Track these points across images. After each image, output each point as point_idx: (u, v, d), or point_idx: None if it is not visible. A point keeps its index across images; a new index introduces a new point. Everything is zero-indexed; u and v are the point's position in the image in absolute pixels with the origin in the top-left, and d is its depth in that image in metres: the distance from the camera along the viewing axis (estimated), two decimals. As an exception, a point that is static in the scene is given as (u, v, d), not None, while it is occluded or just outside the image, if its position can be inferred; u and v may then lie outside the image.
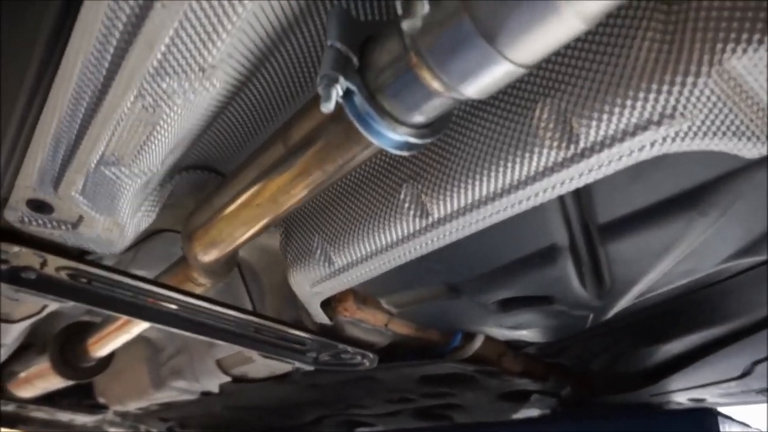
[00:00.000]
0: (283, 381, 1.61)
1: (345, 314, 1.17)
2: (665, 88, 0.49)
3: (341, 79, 0.52)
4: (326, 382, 1.57)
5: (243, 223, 0.78)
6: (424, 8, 0.44)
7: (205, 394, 1.87)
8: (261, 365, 1.53)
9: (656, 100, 0.50)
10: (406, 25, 0.43)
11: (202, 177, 0.92)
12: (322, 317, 1.10)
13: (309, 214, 0.90)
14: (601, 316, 0.97)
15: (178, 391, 1.90)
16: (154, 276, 1.14)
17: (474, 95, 0.50)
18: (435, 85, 0.50)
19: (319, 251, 0.88)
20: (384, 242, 0.78)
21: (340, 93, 0.52)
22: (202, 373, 1.75)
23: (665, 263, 0.78)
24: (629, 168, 0.59)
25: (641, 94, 0.50)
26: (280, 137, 0.67)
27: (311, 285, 0.95)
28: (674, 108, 0.50)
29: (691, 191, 0.64)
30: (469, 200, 0.67)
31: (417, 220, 0.73)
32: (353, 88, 0.53)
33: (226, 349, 1.62)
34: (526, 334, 1.09)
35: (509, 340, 1.19)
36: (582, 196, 0.71)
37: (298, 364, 1.36)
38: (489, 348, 1.30)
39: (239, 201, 0.75)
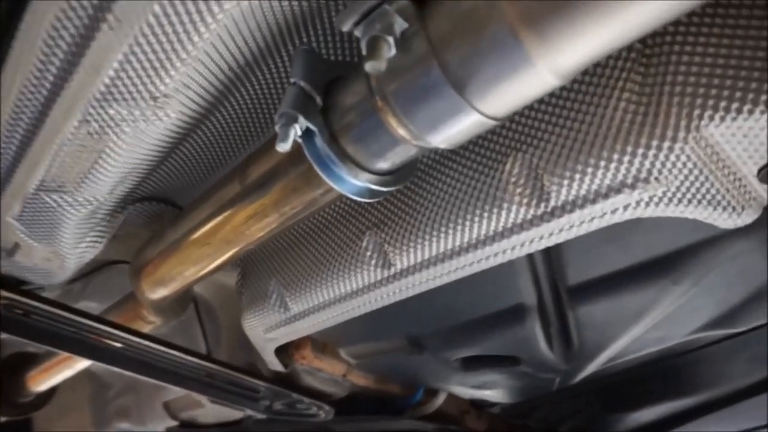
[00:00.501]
0: (234, 429, 1.52)
1: (302, 362, 1.11)
2: (640, 151, 0.47)
3: (301, 118, 0.48)
4: None
5: (193, 262, 0.73)
6: (391, 51, 0.41)
7: (152, 438, 1.75)
8: (211, 411, 1.44)
9: (631, 163, 0.48)
10: (369, 66, 0.40)
11: (158, 209, 0.87)
12: (276, 364, 1.03)
13: (266, 255, 0.85)
14: (568, 380, 0.93)
15: (123, 432, 1.78)
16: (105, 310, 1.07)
17: (441, 145, 0.47)
18: (401, 132, 0.47)
19: (275, 295, 0.82)
20: (343, 291, 0.74)
21: (299, 133, 0.49)
22: (148, 415, 1.65)
23: (636, 330, 0.75)
24: (603, 229, 0.56)
25: (615, 156, 0.48)
26: (238, 175, 0.62)
27: (265, 330, 0.89)
28: (649, 172, 0.48)
29: (665, 258, 0.62)
30: (434, 253, 0.64)
31: (379, 270, 0.69)
32: (314, 128, 0.49)
33: (175, 391, 1.53)
34: (490, 394, 1.04)
35: (473, 399, 1.14)
36: (552, 255, 0.68)
37: (249, 412, 1.28)
38: (452, 405, 1.24)
39: (191, 238, 0.70)
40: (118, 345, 1.03)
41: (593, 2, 0.35)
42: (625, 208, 0.52)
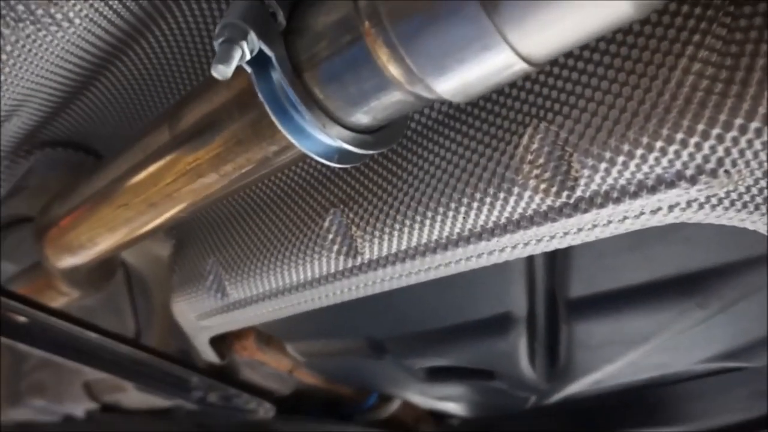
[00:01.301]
0: (162, 417, 1.36)
1: (243, 354, 0.96)
2: (715, 132, 0.34)
3: (252, 35, 0.34)
4: (215, 425, 1.33)
5: (108, 227, 0.57)
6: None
7: (69, 419, 1.58)
8: (136, 396, 1.29)
9: (698, 148, 0.35)
10: None
11: (76, 157, 0.71)
12: (210, 355, 0.89)
13: (206, 226, 0.70)
14: (544, 399, 0.82)
15: (37, 410, 1.59)
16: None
17: (446, 95, 0.34)
18: (393, 70, 0.33)
19: (211, 277, 0.68)
20: (295, 280, 0.60)
21: (247, 55, 0.34)
22: (66, 394, 1.47)
23: (637, 353, 0.63)
24: (625, 234, 0.44)
25: (678, 136, 0.35)
26: (168, 119, 0.47)
27: (198, 317, 0.75)
28: (719, 162, 0.36)
29: (694, 276, 0.50)
30: (414, 243, 0.50)
31: (342, 258, 0.55)
32: (270, 54, 0.35)
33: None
34: (453, 407, 0.92)
35: (432, 410, 1.02)
36: (557, 259, 0.56)
37: (180, 402, 1.14)
38: (407, 412, 1.12)
39: (105, 197, 0.55)
40: (22, 319, 0.87)
41: None
42: (671, 208, 0.40)
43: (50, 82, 0.49)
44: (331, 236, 0.54)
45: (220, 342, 0.91)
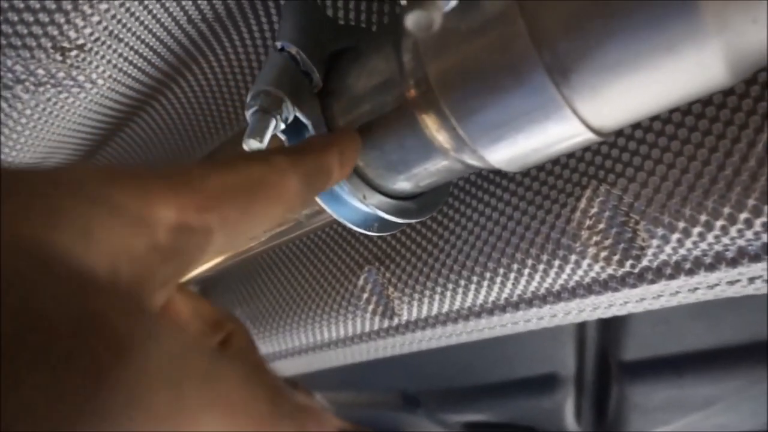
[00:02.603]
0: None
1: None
2: (811, 204, 0.30)
3: (288, 103, 0.31)
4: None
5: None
6: (449, 2, 0.24)
7: None
8: None
9: (789, 221, 0.31)
10: (412, 22, 0.22)
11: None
12: (236, 403, 0.85)
13: (232, 276, 0.67)
14: (589, 456, 0.76)
15: None
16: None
17: (500, 165, 0.30)
18: (440, 137, 0.30)
19: (238, 330, 0.64)
20: (327, 338, 0.56)
21: (281, 126, 0.31)
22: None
23: (696, 417, 0.58)
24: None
25: (767, 208, 0.31)
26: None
27: (224, 369, 0.71)
28: (814, 237, 0.31)
29: (766, 344, 0.45)
30: (456, 307, 0.46)
31: (378, 318, 0.51)
32: (306, 121, 0.32)
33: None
34: (490, 459, 0.87)
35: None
36: (611, 321, 0.51)
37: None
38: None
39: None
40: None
41: None
42: (752, 280, 0.36)
43: (73, 140, 0.47)
44: (366, 295, 0.51)
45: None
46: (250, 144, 0.29)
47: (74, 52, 0.33)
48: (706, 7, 0.21)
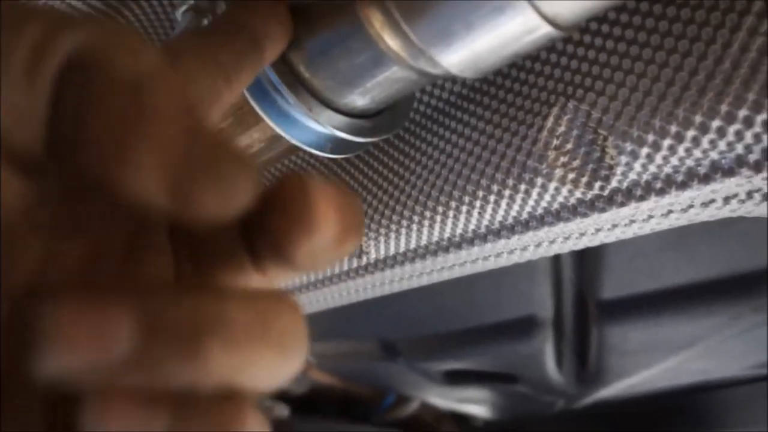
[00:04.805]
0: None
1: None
2: (788, 107, 0.28)
3: (221, 3, 0.28)
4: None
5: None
6: None
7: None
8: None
9: (765, 129, 0.29)
10: None
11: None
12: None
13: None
14: (573, 403, 0.76)
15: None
16: None
17: (456, 69, 0.28)
18: (390, 41, 0.27)
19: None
20: (296, 281, 0.55)
21: (215, 28, 0.29)
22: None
23: (678, 359, 0.57)
24: (669, 229, 0.38)
25: (741, 114, 0.29)
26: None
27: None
28: (792, 146, 0.29)
29: (750, 276, 0.43)
30: (423, 242, 0.45)
31: (346, 258, 0.50)
32: (243, 24, 0.29)
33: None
34: (474, 409, 0.87)
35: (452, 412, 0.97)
36: (586, 257, 0.50)
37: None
38: (426, 411, 1.07)
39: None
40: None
41: None
42: (727, 200, 0.34)
43: None
44: (333, 233, 0.49)
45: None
46: (178, 45, 0.27)
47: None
48: None
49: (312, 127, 0.33)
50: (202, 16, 0.28)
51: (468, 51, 0.26)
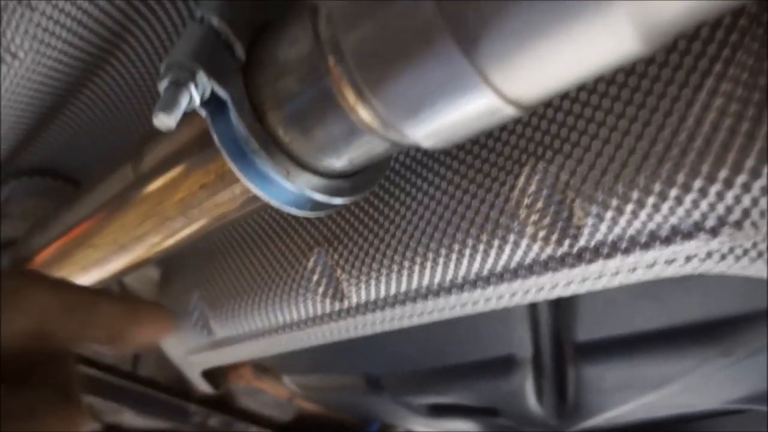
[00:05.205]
0: (164, 438, 1.33)
1: (239, 382, 0.92)
2: (740, 180, 0.29)
3: (201, 74, 0.30)
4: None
5: (80, 266, 0.53)
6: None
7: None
8: (137, 417, 1.26)
9: (720, 197, 0.30)
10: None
11: (54, 185, 0.67)
12: (203, 387, 0.85)
13: (190, 257, 0.66)
14: (554, 436, 0.77)
15: None
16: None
17: (425, 142, 0.29)
18: (362, 113, 0.29)
19: (196, 313, 0.64)
20: (281, 321, 0.56)
21: (196, 99, 0.30)
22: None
23: (654, 396, 0.58)
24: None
25: (696, 183, 0.30)
26: (132, 157, 0.44)
27: (186, 352, 0.71)
28: (746, 214, 0.30)
29: (715, 324, 0.45)
30: (403, 289, 0.46)
31: (328, 301, 0.50)
32: (224, 96, 0.31)
33: (94, 395, 1.34)
34: (459, 440, 0.87)
35: (438, 441, 0.97)
36: (562, 303, 0.51)
37: (180, 426, 1.11)
38: (413, 439, 1.07)
39: (74, 236, 0.51)
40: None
41: None
42: (688, 259, 0.35)
43: (13, 113, 0.46)
44: (315, 277, 0.50)
45: (215, 370, 0.87)
46: (161, 118, 0.28)
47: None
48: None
49: (290, 189, 0.34)
50: (182, 89, 0.29)
51: (435, 127, 0.28)
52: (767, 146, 0.28)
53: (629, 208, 0.33)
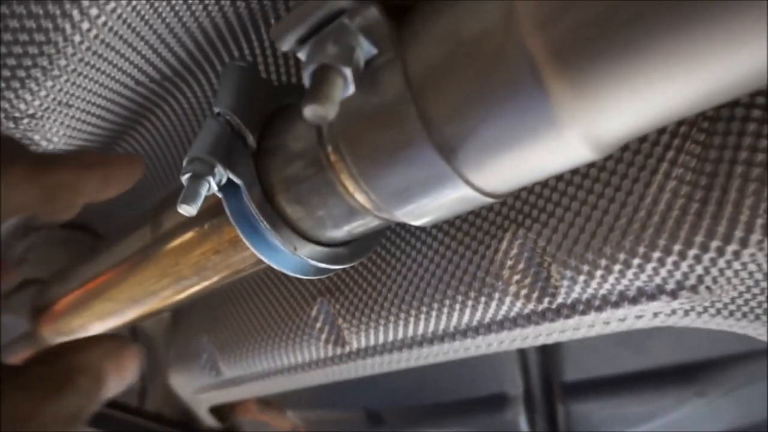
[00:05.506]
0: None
1: (245, 416, 0.95)
2: (692, 253, 0.33)
3: (219, 168, 0.34)
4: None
5: (97, 317, 0.57)
6: (347, 88, 0.27)
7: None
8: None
9: (676, 266, 0.34)
10: (310, 112, 0.25)
11: (74, 236, 0.72)
12: (210, 422, 0.88)
13: (200, 304, 0.70)
14: (549, 466, 0.79)
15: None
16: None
17: (413, 222, 0.33)
18: (359, 198, 0.33)
19: (205, 356, 0.67)
20: (286, 363, 0.59)
21: (214, 188, 0.34)
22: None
23: (642, 429, 0.61)
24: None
25: (656, 255, 0.34)
26: (151, 219, 0.48)
27: (195, 392, 0.74)
28: (700, 280, 0.34)
29: (690, 367, 0.48)
30: (400, 337, 0.49)
31: (330, 347, 0.54)
32: (238, 181, 0.35)
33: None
34: (458, 470, 0.90)
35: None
36: (548, 347, 0.55)
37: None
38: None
39: (93, 289, 0.55)
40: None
41: (673, 42, 0.21)
42: (656, 315, 0.39)
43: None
44: (318, 325, 0.54)
45: (222, 405, 0.90)
46: (184, 208, 0.32)
47: (26, 120, 0.36)
48: (556, 104, 0.24)
49: (293, 258, 0.38)
50: (201, 180, 0.33)
51: (422, 212, 0.32)
52: (713, 224, 0.32)
53: (599, 273, 0.37)
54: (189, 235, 0.43)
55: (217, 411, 0.88)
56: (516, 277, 0.41)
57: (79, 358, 0.29)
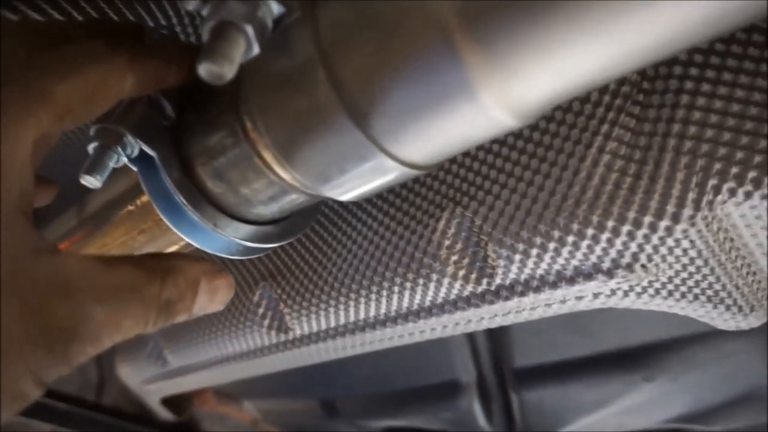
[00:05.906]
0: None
1: (203, 407, 0.93)
2: (625, 229, 0.32)
3: (128, 138, 0.32)
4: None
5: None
6: (251, 49, 0.25)
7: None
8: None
9: (610, 243, 0.33)
10: (204, 70, 0.23)
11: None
12: (164, 414, 0.86)
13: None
14: (508, 455, 0.79)
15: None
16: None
17: (340, 197, 0.32)
18: (279, 171, 0.31)
19: (151, 344, 0.65)
20: (231, 351, 0.57)
21: (123, 160, 0.32)
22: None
23: (592, 418, 0.61)
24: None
25: (589, 231, 0.33)
26: (76, 203, 0.45)
27: (143, 382, 0.72)
28: (635, 257, 0.33)
29: (636, 351, 0.48)
30: (342, 322, 0.48)
31: (273, 333, 0.52)
32: (151, 153, 0.33)
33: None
34: (418, 460, 0.89)
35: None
36: (495, 332, 0.53)
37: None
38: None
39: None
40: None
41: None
42: (596, 296, 0.38)
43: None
44: (261, 311, 0.52)
45: (179, 396, 0.88)
46: (87, 179, 0.30)
47: None
48: (468, 67, 0.22)
49: (219, 237, 0.36)
50: (108, 151, 0.31)
51: (347, 188, 0.30)
52: (646, 199, 0.31)
53: (534, 252, 0.35)
54: (113, 215, 0.41)
55: (172, 403, 0.86)
56: (454, 258, 0.39)
57: (183, 262, 0.29)
